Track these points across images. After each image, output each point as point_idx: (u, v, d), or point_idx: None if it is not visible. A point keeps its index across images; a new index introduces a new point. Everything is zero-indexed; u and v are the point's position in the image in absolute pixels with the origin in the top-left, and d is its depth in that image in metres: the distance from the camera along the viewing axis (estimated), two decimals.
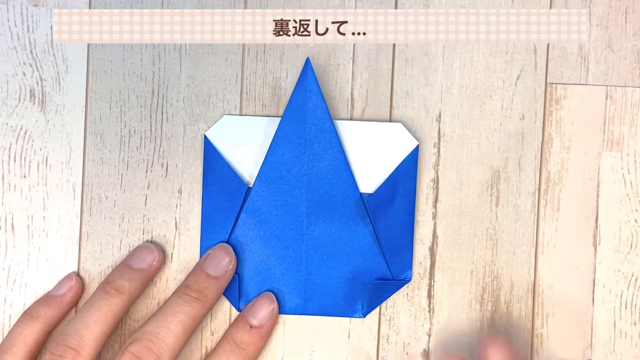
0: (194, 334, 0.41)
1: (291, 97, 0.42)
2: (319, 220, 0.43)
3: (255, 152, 0.43)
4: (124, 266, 0.42)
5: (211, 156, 0.43)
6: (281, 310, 0.43)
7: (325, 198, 0.43)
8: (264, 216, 0.43)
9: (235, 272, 0.43)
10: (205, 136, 0.43)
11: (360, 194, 0.43)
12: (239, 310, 0.43)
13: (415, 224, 0.43)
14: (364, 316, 0.43)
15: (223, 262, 0.42)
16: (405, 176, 0.43)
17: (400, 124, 0.43)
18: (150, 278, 0.42)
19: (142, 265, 0.42)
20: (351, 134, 0.43)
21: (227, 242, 0.43)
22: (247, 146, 0.43)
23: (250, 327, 0.41)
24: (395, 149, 0.43)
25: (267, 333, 0.42)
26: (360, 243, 0.43)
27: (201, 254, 0.43)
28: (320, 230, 0.43)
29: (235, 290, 0.43)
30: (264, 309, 0.42)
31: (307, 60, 0.42)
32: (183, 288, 0.41)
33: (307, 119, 0.42)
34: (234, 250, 0.43)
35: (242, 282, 0.43)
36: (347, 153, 0.43)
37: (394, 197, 0.43)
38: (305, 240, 0.43)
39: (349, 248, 0.43)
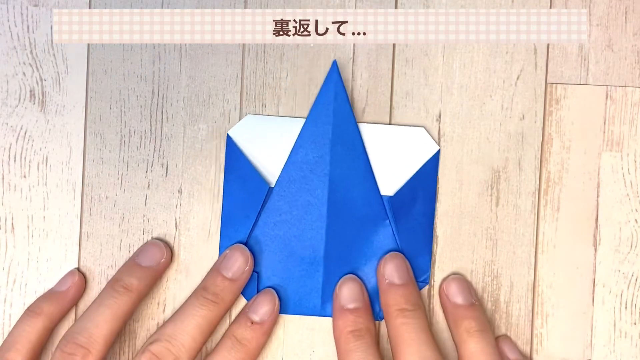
0: None
1: (317, 98, 0.43)
2: (340, 221, 0.43)
3: (278, 152, 0.43)
4: (132, 264, 0.42)
5: (233, 155, 0.43)
6: (298, 311, 0.43)
7: (347, 199, 0.43)
8: (285, 216, 0.43)
9: (254, 271, 0.43)
10: (227, 135, 0.43)
11: (381, 196, 0.43)
12: None
13: None
14: (382, 319, 0.43)
15: (239, 263, 0.42)
16: (425, 180, 0.43)
17: (422, 128, 0.43)
18: (158, 276, 0.42)
19: (150, 263, 0.42)
20: (374, 136, 0.43)
21: (247, 241, 0.43)
22: (269, 146, 0.43)
23: (252, 323, 0.41)
24: (416, 153, 0.43)
25: (268, 329, 0.42)
26: (380, 245, 0.43)
27: (220, 252, 0.43)
28: (341, 232, 0.43)
29: (253, 289, 0.43)
30: (265, 305, 0.42)
31: (334, 63, 0.43)
32: (200, 290, 0.41)
33: (332, 120, 0.43)
34: (253, 249, 0.43)
35: (260, 282, 0.43)
36: (370, 155, 0.43)
37: (415, 201, 0.43)
38: (325, 241, 0.43)
39: (368, 250, 0.43)
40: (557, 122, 0.44)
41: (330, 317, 0.42)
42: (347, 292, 0.42)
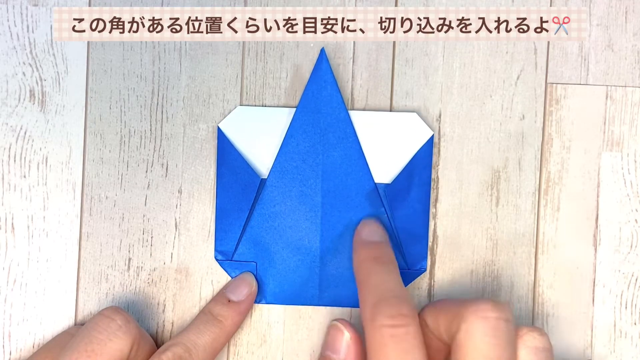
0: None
1: (306, 87, 0.43)
2: (334, 211, 0.43)
3: (270, 143, 0.43)
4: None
5: (224, 148, 0.43)
6: (296, 301, 0.43)
7: (340, 188, 0.43)
8: (279, 207, 0.43)
9: (253, 261, 0.43)
10: (218, 127, 0.43)
11: (376, 184, 0.43)
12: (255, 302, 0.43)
13: None
14: None
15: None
16: (420, 166, 0.43)
17: (415, 113, 0.43)
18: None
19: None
20: (366, 124, 0.43)
21: (242, 234, 0.43)
22: (261, 137, 0.43)
23: (229, 301, 0.41)
24: (410, 138, 0.43)
25: (245, 309, 0.42)
26: None
27: (216, 245, 0.43)
28: (336, 221, 0.43)
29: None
30: (242, 286, 0.42)
31: (322, 50, 0.43)
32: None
33: (322, 108, 0.43)
34: (249, 241, 0.43)
35: (256, 274, 0.43)
36: (362, 143, 0.43)
37: (410, 188, 0.43)
38: (320, 231, 0.43)
39: None
40: (557, 122, 0.44)
41: (328, 306, 0.43)
42: (369, 230, 0.41)
